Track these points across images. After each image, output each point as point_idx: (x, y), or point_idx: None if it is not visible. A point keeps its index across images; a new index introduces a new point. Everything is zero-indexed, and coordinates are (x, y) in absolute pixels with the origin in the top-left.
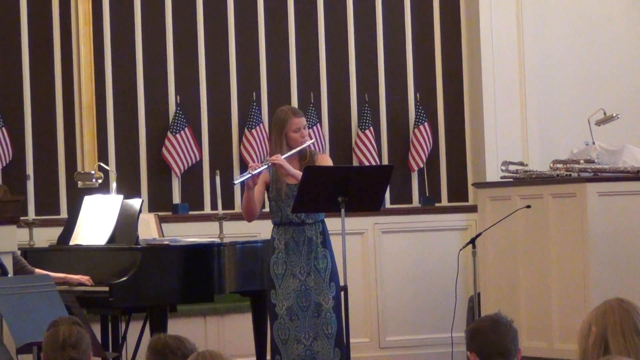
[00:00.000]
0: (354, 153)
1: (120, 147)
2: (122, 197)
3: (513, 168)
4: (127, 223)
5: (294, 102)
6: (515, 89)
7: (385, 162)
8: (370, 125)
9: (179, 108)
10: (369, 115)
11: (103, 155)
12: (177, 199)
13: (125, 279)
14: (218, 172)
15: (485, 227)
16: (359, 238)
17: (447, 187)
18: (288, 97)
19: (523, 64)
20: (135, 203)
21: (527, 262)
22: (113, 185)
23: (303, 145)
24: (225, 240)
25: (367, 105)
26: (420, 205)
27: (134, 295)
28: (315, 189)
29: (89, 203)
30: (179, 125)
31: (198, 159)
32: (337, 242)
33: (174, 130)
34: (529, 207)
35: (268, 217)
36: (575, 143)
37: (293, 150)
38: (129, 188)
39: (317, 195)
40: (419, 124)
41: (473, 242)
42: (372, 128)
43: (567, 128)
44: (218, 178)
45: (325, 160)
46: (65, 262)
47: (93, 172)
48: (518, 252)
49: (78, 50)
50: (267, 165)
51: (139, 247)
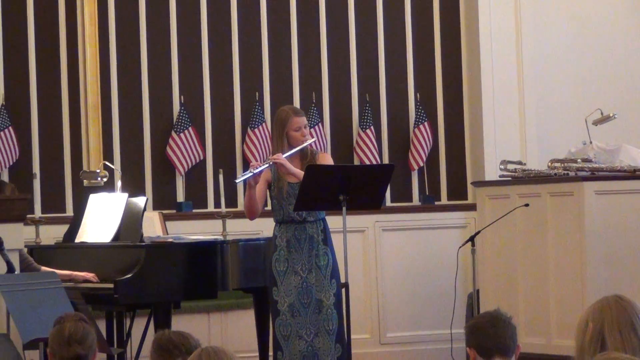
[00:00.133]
0: (355, 152)
1: (125, 146)
2: (127, 195)
3: (511, 167)
4: (131, 221)
5: (296, 102)
6: (514, 90)
7: (386, 161)
8: (371, 125)
9: (183, 108)
10: (370, 115)
11: (108, 154)
12: (181, 198)
13: (130, 276)
14: (221, 170)
15: (484, 225)
16: (360, 236)
17: (446, 185)
18: (290, 97)
19: (521, 65)
20: (140, 201)
21: (525, 259)
22: (118, 184)
23: (304, 144)
24: (228, 238)
25: (368, 105)
26: (420, 204)
27: (139, 292)
28: (317, 188)
29: (94, 201)
30: (183, 125)
31: (202, 158)
32: (338, 239)
33: (178, 130)
34: (527, 205)
35: (270, 215)
36: (573, 142)
37: (294, 149)
38: (134, 186)
39: (318, 194)
40: (419, 124)
41: (472, 239)
42: (372, 128)
43: (564, 128)
44: (221, 177)
45: (326, 159)
46: (71, 259)
47: (98, 170)
48: (516, 249)
49: (84, 51)
50: (268, 164)
51: (144, 244)
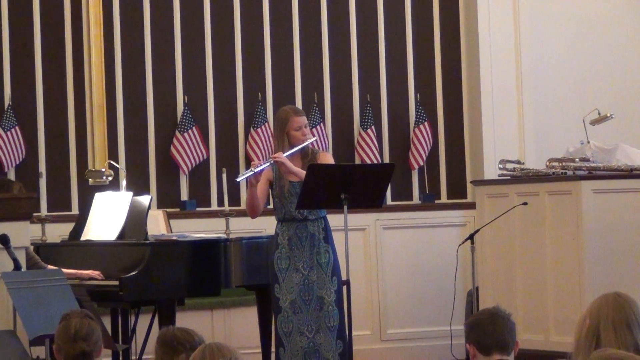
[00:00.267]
0: (356, 152)
1: (130, 145)
2: (131, 194)
3: (510, 166)
4: (136, 219)
5: (298, 102)
6: (513, 90)
7: (387, 160)
8: (372, 125)
9: (187, 108)
10: (371, 115)
11: (113, 154)
12: (184, 196)
13: (135, 274)
14: (225, 169)
15: (483, 223)
16: (361, 234)
17: (446, 184)
18: (292, 97)
19: (520, 66)
20: (145, 200)
21: (523, 257)
22: (123, 183)
23: (304, 144)
24: (232, 236)
25: (368, 106)
26: (420, 202)
27: (143, 289)
28: (319, 187)
29: (100, 200)
30: (187, 125)
31: (205, 157)
32: (339, 237)
33: (182, 129)
34: (526, 204)
35: (273, 213)
36: (571, 142)
37: (295, 148)
38: (139, 185)
39: (320, 193)
40: (419, 124)
41: (471, 237)
42: (373, 127)
43: (562, 127)
44: (224, 176)
45: (327, 159)
46: (77, 256)
47: (103, 169)
48: (515, 247)
49: (89, 52)
50: (269, 163)
51: (148, 242)
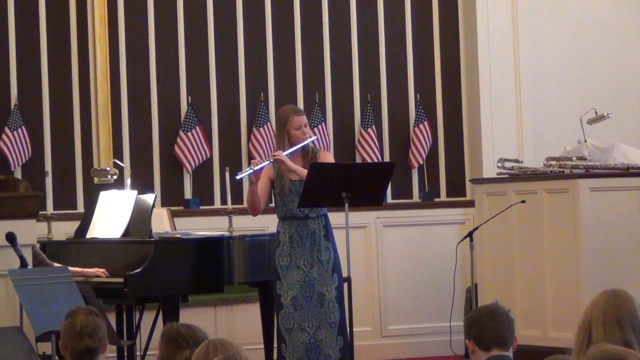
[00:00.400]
0: (357, 151)
1: (135, 144)
2: (136, 192)
3: (508, 165)
4: (141, 217)
5: (300, 102)
6: (511, 90)
7: (387, 159)
8: (373, 124)
9: (190, 107)
10: (372, 115)
11: (118, 153)
12: (188, 195)
13: (139, 271)
14: (227, 168)
15: (482, 221)
16: (362, 231)
17: (445, 183)
18: (294, 97)
19: (518, 66)
20: (149, 198)
21: (522, 254)
22: (127, 181)
23: (304, 142)
24: (234, 234)
25: (369, 105)
26: (420, 200)
27: (148, 286)
28: (321, 185)
29: (105, 198)
30: (190, 124)
31: (208, 156)
32: (341, 235)
33: (186, 129)
34: (524, 202)
35: (275, 211)
36: (568, 141)
37: (294, 147)
38: (143, 184)
39: (322, 191)
40: (419, 123)
41: (470, 235)
42: (374, 127)
43: (560, 127)
44: (227, 174)
45: (327, 157)
46: (82, 254)
47: (108, 168)
48: (513, 245)
49: (94, 53)
50: (268, 161)
51: (152, 240)
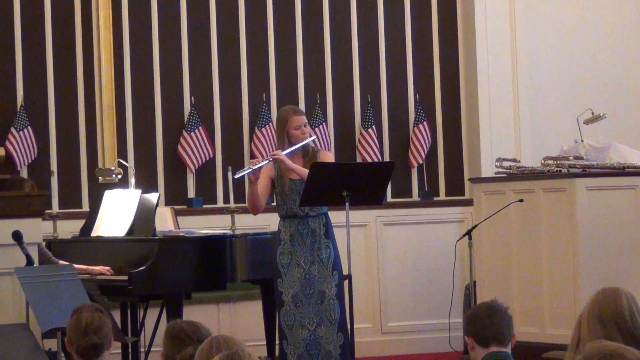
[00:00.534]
0: (358, 150)
1: (139, 144)
2: (140, 191)
3: (506, 164)
4: (144, 216)
5: (301, 102)
6: (509, 90)
7: (387, 158)
8: (373, 124)
9: (194, 108)
10: (372, 115)
11: (122, 152)
12: (191, 194)
13: (143, 269)
14: (230, 168)
15: (481, 219)
16: (362, 230)
17: (444, 182)
18: (295, 98)
19: (516, 67)
20: (153, 197)
21: (519, 252)
22: (132, 181)
23: (304, 142)
24: (237, 232)
25: (369, 106)
26: (420, 199)
27: (152, 284)
28: (322, 184)
29: (109, 197)
30: (194, 124)
31: (211, 156)
32: (341, 233)
33: (189, 129)
34: (522, 200)
35: (276, 210)
36: (565, 141)
37: (294, 147)
38: (147, 183)
39: (323, 190)
40: (419, 123)
41: (469, 233)
42: (374, 127)
43: (557, 127)
44: (230, 174)
45: (328, 157)
46: (87, 252)
47: (113, 168)
48: (511, 243)
49: (99, 54)
50: (267, 161)
51: (156, 238)
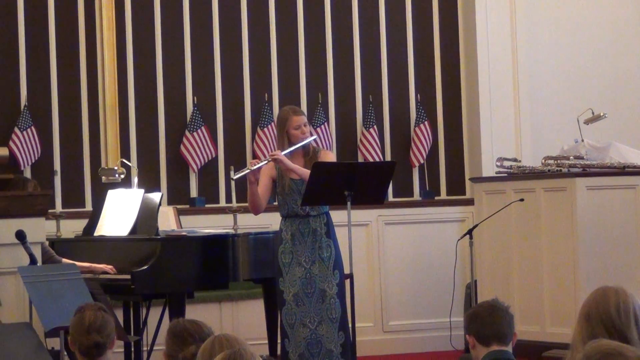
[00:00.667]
0: (359, 150)
1: (142, 144)
2: (143, 191)
3: (507, 164)
4: (147, 215)
5: (303, 102)
6: (509, 91)
7: (388, 158)
8: (374, 124)
9: (196, 108)
10: (373, 115)
11: (125, 152)
12: (194, 193)
13: (146, 268)
14: (232, 167)
15: (482, 219)
16: (364, 229)
17: (445, 181)
18: (297, 98)
19: (517, 68)
20: (155, 197)
21: (520, 251)
22: (134, 180)
23: (303, 142)
24: (239, 232)
25: (371, 106)
26: (421, 199)
27: (154, 283)
28: (324, 184)
29: (112, 197)
30: (196, 124)
31: (214, 156)
32: (343, 233)
33: (192, 129)
34: (522, 200)
35: (278, 209)
36: (565, 140)
37: (294, 147)
38: (150, 183)
39: (325, 190)
40: (420, 123)
41: (470, 233)
42: (375, 127)
43: (557, 126)
44: (232, 173)
45: (328, 156)
46: (90, 251)
47: (116, 167)
48: (512, 242)
49: (102, 55)
50: (266, 161)
51: (159, 237)
